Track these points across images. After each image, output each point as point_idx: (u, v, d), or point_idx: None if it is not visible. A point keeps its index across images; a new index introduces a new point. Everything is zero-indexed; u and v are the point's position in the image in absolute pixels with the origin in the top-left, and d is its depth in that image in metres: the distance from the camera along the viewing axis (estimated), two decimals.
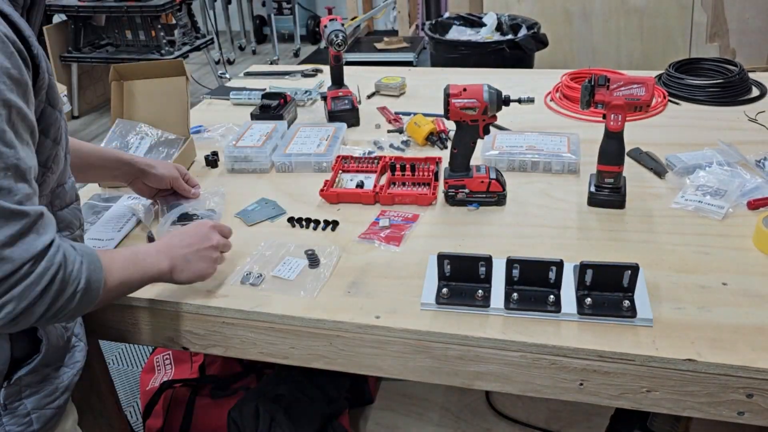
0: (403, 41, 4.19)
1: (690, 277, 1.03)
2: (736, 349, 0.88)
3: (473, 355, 0.95)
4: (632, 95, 1.15)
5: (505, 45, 2.72)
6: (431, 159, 1.40)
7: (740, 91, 1.72)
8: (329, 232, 1.22)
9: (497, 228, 1.20)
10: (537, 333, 0.93)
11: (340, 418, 1.55)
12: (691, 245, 1.11)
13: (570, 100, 1.74)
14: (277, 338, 1.03)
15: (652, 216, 1.21)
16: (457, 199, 1.27)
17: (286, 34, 5.86)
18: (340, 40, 1.56)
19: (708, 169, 1.32)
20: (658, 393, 0.90)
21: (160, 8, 3.87)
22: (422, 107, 1.73)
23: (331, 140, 1.52)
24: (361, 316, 0.99)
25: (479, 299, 0.98)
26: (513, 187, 1.31)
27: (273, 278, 1.09)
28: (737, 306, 0.96)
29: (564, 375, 0.93)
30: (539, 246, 1.13)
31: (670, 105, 1.72)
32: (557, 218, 1.22)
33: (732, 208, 1.19)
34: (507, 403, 1.69)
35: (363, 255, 1.14)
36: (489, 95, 1.18)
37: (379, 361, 1.01)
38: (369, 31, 4.81)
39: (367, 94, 1.90)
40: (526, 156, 1.40)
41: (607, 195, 1.23)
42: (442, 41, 2.92)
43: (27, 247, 0.73)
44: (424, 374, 1.00)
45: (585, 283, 0.97)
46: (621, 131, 1.18)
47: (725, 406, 0.89)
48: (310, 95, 1.87)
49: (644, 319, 0.93)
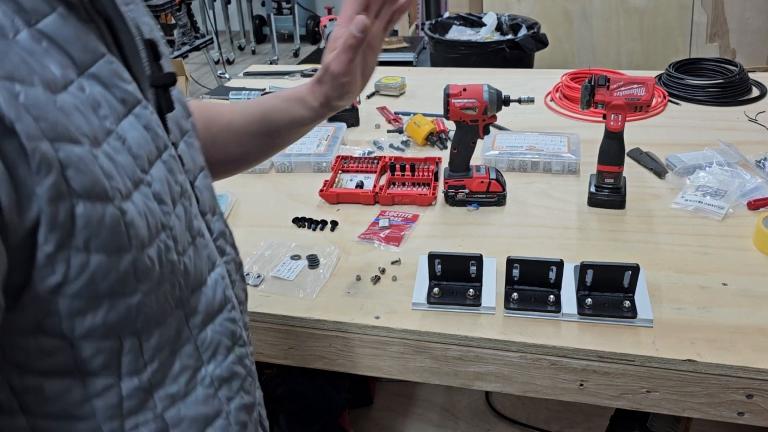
0: (402, 41, 4.18)
1: (690, 277, 1.03)
2: (736, 350, 0.88)
3: (473, 355, 0.95)
4: (632, 95, 1.15)
5: (505, 45, 2.72)
6: (431, 159, 1.40)
7: (740, 91, 1.72)
8: (329, 233, 1.21)
9: (497, 228, 1.20)
10: (537, 333, 0.93)
11: (339, 419, 1.55)
12: (691, 245, 1.11)
13: (570, 100, 1.73)
14: (277, 339, 1.03)
15: (652, 216, 1.20)
16: (457, 200, 1.27)
17: (285, 34, 5.86)
18: None
19: (708, 169, 1.31)
20: (658, 393, 0.90)
21: (159, 8, 3.87)
22: (422, 107, 1.73)
23: (330, 140, 1.52)
24: (361, 317, 0.99)
25: (470, 298, 0.99)
26: (513, 188, 1.31)
27: (272, 279, 1.09)
28: (737, 306, 0.96)
29: (564, 375, 0.93)
30: (539, 246, 1.13)
31: (670, 105, 1.72)
32: (557, 218, 1.22)
33: (732, 209, 1.19)
34: (507, 404, 1.68)
35: (363, 255, 1.14)
36: (489, 95, 1.18)
37: (379, 361, 1.00)
38: None
39: (367, 94, 1.90)
40: (526, 156, 1.40)
41: (607, 195, 1.23)
42: (441, 41, 2.92)
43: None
44: (423, 375, 0.99)
45: (585, 284, 0.97)
46: (621, 131, 1.18)
47: (725, 407, 0.89)
48: None
49: (645, 319, 0.93)
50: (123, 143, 0.47)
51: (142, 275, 0.47)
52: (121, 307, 0.46)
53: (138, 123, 0.49)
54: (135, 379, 0.50)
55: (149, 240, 0.48)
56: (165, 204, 0.50)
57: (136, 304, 0.47)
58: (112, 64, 0.48)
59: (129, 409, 0.50)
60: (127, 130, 0.48)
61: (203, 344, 0.57)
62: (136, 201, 0.47)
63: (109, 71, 0.47)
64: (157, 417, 0.53)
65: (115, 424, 0.50)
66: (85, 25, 0.47)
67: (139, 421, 0.51)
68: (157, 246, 0.49)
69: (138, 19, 0.57)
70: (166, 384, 0.53)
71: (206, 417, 0.57)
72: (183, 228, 0.53)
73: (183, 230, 0.53)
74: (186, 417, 0.55)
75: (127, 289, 0.46)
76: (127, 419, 0.50)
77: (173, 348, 0.53)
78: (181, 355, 0.54)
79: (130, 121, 0.49)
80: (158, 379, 0.52)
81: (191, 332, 0.55)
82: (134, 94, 0.50)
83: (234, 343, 0.61)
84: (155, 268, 0.48)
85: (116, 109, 0.47)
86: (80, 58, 0.45)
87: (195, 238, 0.56)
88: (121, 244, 0.45)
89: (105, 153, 0.44)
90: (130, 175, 0.47)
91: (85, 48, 0.46)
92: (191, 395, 0.55)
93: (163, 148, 0.52)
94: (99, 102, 0.46)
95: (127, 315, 0.47)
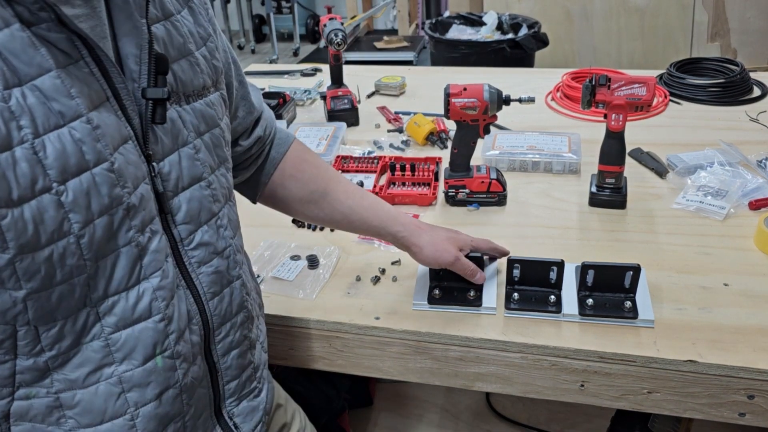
0: (403, 40, 4.18)
1: (691, 277, 1.03)
2: (737, 350, 0.87)
3: (473, 356, 0.95)
4: (633, 95, 1.14)
5: (505, 44, 2.72)
6: (431, 159, 1.40)
7: (741, 90, 1.72)
8: (328, 233, 1.21)
9: (498, 228, 1.20)
10: (538, 334, 0.93)
11: (339, 419, 1.54)
12: (692, 246, 1.10)
13: (571, 99, 1.73)
14: (277, 339, 1.02)
15: (653, 216, 1.20)
16: (458, 200, 1.27)
17: (285, 33, 5.85)
18: (339, 39, 1.56)
19: (709, 169, 1.31)
20: (659, 394, 0.90)
21: None
22: (422, 107, 1.73)
23: (330, 140, 1.52)
24: (361, 317, 0.98)
25: (471, 298, 0.98)
26: (513, 187, 1.31)
27: (272, 279, 1.08)
28: (738, 307, 0.96)
29: (565, 376, 0.92)
30: (540, 246, 1.13)
31: (671, 105, 1.72)
32: (558, 218, 1.21)
33: (733, 209, 1.19)
34: (507, 405, 1.68)
35: (363, 255, 1.13)
36: (489, 95, 1.18)
37: (379, 362, 1.00)
38: (369, 30, 4.80)
39: (367, 94, 1.89)
40: (527, 156, 1.40)
41: (608, 195, 1.23)
42: (442, 40, 2.91)
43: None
44: (424, 375, 0.99)
45: (586, 284, 0.97)
46: (622, 131, 1.18)
47: (726, 408, 0.89)
48: (309, 95, 1.87)
49: (646, 320, 0.93)
50: (36, 153, 0.51)
51: (25, 274, 0.53)
52: (5, 298, 0.54)
53: (70, 136, 0.53)
54: (31, 360, 0.59)
55: (41, 243, 0.53)
56: (76, 213, 0.54)
57: (23, 297, 0.54)
58: (58, 79, 0.53)
59: (21, 380, 0.60)
60: (53, 141, 0.52)
61: (115, 344, 0.62)
62: (30, 207, 0.52)
63: (51, 85, 0.52)
64: (51, 394, 0.61)
65: (5, 391, 0.60)
66: (39, 42, 0.52)
67: (30, 393, 0.61)
68: (52, 250, 0.54)
69: (160, 35, 0.64)
70: (66, 369, 0.60)
71: (104, 411, 0.63)
72: (103, 237, 0.57)
73: (102, 238, 0.57)
74: (81, 403, 0.62)
75: (9, 283, 0.53)
76: (18, 390, 0.60)
77: (78, 340, 0.60)
78: (86, 348, 0.60)
79: (61, 133, 0.53)
80: (58, 363, 0.60)
81: (103, 330, 0.61)
82: (75, 109, 0.54)
83: (158, 352, 0.64)
84: (44, 270, 0.54)
85: (48, 120, 0.52)
86: (23, 69, 0.51)
87: (124, 246, 0.59)
88: None
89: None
90: (30, 183, 0.51)
91: (30, 62, 0.51)
92: (92, 387, 0.62)
93: (96, 162, 0.56)
94: (24, 112, 0.51)
95: (13, 305, 0.54)
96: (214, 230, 0.70)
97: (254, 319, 0.81)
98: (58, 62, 0.53)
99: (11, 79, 0.50)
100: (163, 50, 0.64)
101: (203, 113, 0.69)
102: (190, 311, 0.68)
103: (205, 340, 0.71)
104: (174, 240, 0.66)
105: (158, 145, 0.63)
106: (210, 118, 0.71)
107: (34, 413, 0.62)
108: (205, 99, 0.70)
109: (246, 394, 0.79)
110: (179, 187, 0.66)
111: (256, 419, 0.81)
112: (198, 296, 0.69)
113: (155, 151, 0.63)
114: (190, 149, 0.67)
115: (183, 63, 0.67)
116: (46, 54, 0.52)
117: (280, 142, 0.95)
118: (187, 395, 0.69)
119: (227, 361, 0.75)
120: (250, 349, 0.79)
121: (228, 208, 0.74)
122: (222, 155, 0.73)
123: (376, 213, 0.95)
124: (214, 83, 0.73)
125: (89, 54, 0.56)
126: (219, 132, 0.72)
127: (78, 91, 0.54)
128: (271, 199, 0.96)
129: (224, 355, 0.74)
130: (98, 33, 0.56)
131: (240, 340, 0.76)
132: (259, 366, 0.83)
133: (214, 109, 0.72)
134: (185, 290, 0.68)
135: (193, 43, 0.69)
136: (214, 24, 0.75)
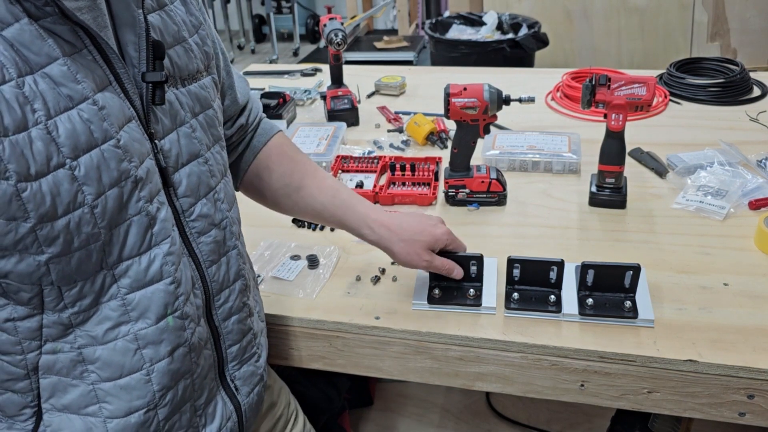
0: (403, 40, 4.19)
1: (691, 277, 1.03)
2: (737, 350, 0.88)
3: (473, 356, 0.95)
4: (633, 95, 1.14)
5: (505, 44, 2.72)
6: (431, 159, 1.40)
7: (741, 90, 1.72)
8: (328, 232, 1.21)
9: (498, 228, 1.20)
10: (538, 333, 0.93)
11: (339, 419, 1.54)
12: (692, 246, 1.10)
13: (571, 99, 1.73)
14: (276, 339, 1.02)
15: (653, 216, 1.20)
16: (458, 199, 1.27)
17: (285, 33, 5.85)
18: (339, 39, 1.56)
19: (709, 169, 1.31)
20: (659, 394, 0.90)
21: None
22: (422, 107, 1.73)
23: (330, 140, 1.52)
24: (361, 317, 0.98)
25: (471, 298, 0.98)
26: (513, 187, 1.31)
27: (272, 279, 1.08)
28: (738, 307, 0.96)
29: (565, 376, 0.93)
30: (540, 246, 1.13)
31: (671, 105, 1.72)
32: (558, 218, 1.21)
33: (733, 209, 1.19)
34: (507, 405, 1.68)
35: (363, 255, 1.13)
36: (489, 94, 1.18)
37: (379, 362, 1.00)
38: (369, 30, 4.81)
39: (367, 94, 1.89)
40: (527, 156, 1.40)
41: (608, 195, 1.23)
42: (442, 40, 2.91)
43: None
44: (424, 375, 0.99)
45: (586, 284, 0.97)
46: (622, 131, 1.18)
47: (726, 407, 0.89)
48: (309, 94, 1.87)
49: (646, 319, 0.93)
50: (49, 133, 0.57)
51: (46, 240, 0.59)
52: (29, 261, 0.59)
53: (79, 117, 0.59)
54: (56, 315, 0.64)
55: (58, 213, 0.58)
56: (89, 186, 0.60)
57: (45, 261, 0.60)
58: (65, 66, 0.58)
59: (48, 335, 0.66)
60: (64, 121, 0.58)
61: (130, 304, 0.67)
62: (47, 181, 0.57)
63: (59, 72, 0.58)
64: (74, 349, 0.67)
65: (34, 344, 0.66)
66: (46, 34, 0.57)
67: (56, 347, 0.66)
68: (69, 219, 0.59)
69: (156, 24, 0.69)
70: (87, 326, 0.66)
71: (122, 366, 0.68)
72: (115, 207, 0.63)
73: (114, 208, 0.63)
74: (101, 358, 0.67)
75: (32, 249, 0.58)
76: (45, 344, 0.66)
77: (97, 299, 0.66)
78: (105, 307, 0.66)
79: (71, 114, 0.58)
80: (80, 320, 0.66)
81: (119, 291, 0.66)
82: (82, 93, 0.59)
83: (169, 312, 0.70)
84: (63, 237, 0.59)
85: (58, 103, 0.57)
86: (33, 59, 0.56)
87: (135, 215, 0.65)
88: (17, 213, 0.56)
89: (17, 141, 0.55)
90: (46, 160, 0.57)
91: (40, 52, 0.57)
92: (111, 343, 0.67)
93: (104, 139, 0.61)
94: (37, 97, 0.56)
95: (37, 268, 0.60)
96: (212, 203, 0.76)
97: (251, 289, 0.86)
98: (64, 51, 0.58)
99: (24, 68, 0.55)
100: (160, 38, 0.70)
101: (198, 95, 0.75)
102: (192, 276, 0.74)
103: (206, 305, 0.77)
104: (177, 212, 0.72)
105: (159, 124, 0.69)
106: (204, 100, 0.76)
107: (60, 367, 0.67)
108: (198, 82, 0.76)
109: (247, 358, 0.85)
110: (179, 163, 0.72)
111: (254, 382, 0.86)
112: (198, 263, 0.75)
113: (156, 130, 0.69)
114: (188, 128, 0.73)
115: (178, 49, 0.73)
116: (53, 44, 0.57)
117: (262, 132, 0.99)
118: (195, 354, 0.74)
119: (228, 326, 0.80)
120: (249, 316, 0.84)
121: (224, 183, 0.80)
122: (216, 134, 0.79)
123: (345, 213, 0.97)
124: (206, 68, 0.78)
125: (92, 43, 0.61)
126: (212, 113, 0.78)
127: (83, 77, 0.59)
128: (250, 187, 1.00)
129: (225, 320, 0.80)
130: (99, 23, 0.61)
131: (239, 306, 0.81)
132: (257, 333, 0.88)
133: (207, 91, 0.77)
134: (188, 257, 0.73)
135: (187, 30, 0.75)
136: (204, 14, 0.81)
